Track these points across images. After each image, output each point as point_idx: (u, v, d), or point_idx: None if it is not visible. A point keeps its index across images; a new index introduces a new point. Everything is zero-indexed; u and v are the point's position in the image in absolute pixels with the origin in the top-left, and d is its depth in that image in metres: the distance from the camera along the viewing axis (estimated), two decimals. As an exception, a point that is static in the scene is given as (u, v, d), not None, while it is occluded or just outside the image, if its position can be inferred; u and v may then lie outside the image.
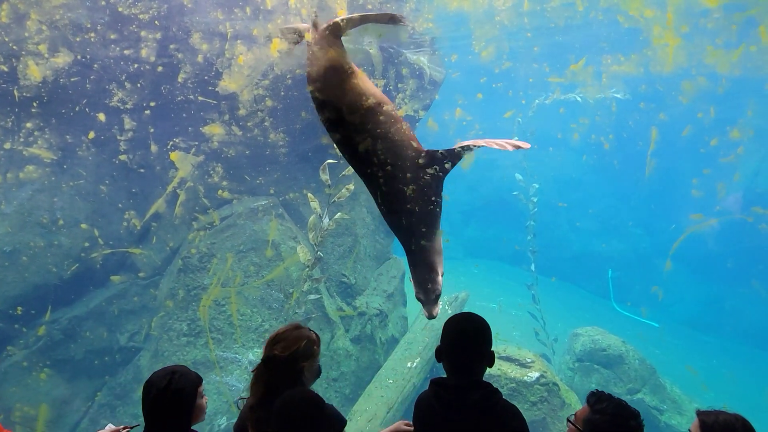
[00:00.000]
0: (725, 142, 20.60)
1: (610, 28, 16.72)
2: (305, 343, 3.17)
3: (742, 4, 15.70)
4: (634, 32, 17.07)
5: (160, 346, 9.92)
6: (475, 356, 3.02)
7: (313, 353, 3.21)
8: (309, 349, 3.17)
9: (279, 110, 10.72)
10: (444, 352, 3.09)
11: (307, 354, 3.16)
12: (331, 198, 8.40)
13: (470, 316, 3.15)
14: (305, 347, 3.15)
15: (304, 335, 3.22)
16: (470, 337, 3.06)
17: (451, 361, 3.06)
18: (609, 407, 2.86)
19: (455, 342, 3.07)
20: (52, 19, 9.39)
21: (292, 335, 3.19)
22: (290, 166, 11.18)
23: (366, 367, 10.95)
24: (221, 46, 10.37)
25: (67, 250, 9.63)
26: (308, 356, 3.17)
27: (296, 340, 3.15)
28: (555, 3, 14.13)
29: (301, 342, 3.15)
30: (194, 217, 10.33)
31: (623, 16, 15.80)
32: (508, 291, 18.61)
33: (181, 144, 10.28)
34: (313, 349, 3.22)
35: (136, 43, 9.89)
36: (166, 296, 10.09)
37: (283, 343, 3.14)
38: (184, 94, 10.21)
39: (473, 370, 3.02)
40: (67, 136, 9.66)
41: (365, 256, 12.17)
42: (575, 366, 13.01)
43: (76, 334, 9.62)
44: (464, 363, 3.02)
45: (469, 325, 3.10)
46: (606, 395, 2.93)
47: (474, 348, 3.02)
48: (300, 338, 3.18)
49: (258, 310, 10.20)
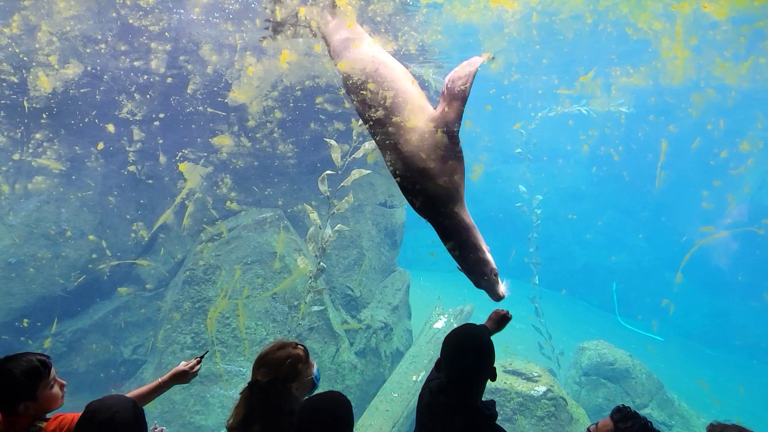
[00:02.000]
0: (735, 154, 20.43)
1: (618, 41, 16.60)
2: (288, 364, 3.07)
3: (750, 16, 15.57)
4: (643, 44, 16.94)
5: (164, 359, 9.81)
6: (473, 373, 2.91)
7: (299, 372, 3.10)
8: (292, 371, 3.07)
9: (288, 121, 10.67)
10: (443, 367, 3.01)
11: (291, 375, 3.06)
12: (331, 209, 8.30)
13: (471, 331, 3.04)
14: (288, 369, 3.06)
15: (286, 355, 3.10)
16: (469, 353, 2.93)
17: (448, 375, 2.96)
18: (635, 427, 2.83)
19: (453, 358, 2.96)
20: (63, 30, 9.38)
21: (274, 357, 3.09)
22: (298, 177, 11.12)
23: (371, 381, 10.84)
24: (231, 57, 10.34)
25: (74, 262, 9.59)
26: (293, 377, 3.07)
27: (279, 365, 3.06)
28: (564, 15, 14.03)
29: (283, 366, 3.06)
30: (202, 229, 10.27)
31: (632, 29, 15.68)
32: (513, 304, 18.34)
33: (189, 155, 10.23)
34: (298, 367, 3.10)
35: (146, 55, 9.87)
36: (171, 308, 10.01)
37: (266, 368, 3.06)
38: (194, 105, 10.18)
39: (471, 385, 2.92)
40: (76, 147, 9.64)
41: (370, 269, 12.08)
42: (582, 380, 12.84)
43: (80, 346, 9.57)
44: (462, 378, 2.91)
45: (469, 340, 2.99)
46: (632, 413, 2.89)
47: (473, 364, 2.91)
48: (282, 361, 3.08)
49: (263, 323, 10.10)
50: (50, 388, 2.97)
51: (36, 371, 2.90)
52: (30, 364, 2.90)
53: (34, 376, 2.89)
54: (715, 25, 15.79)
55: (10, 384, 2.84)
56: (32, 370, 2.90)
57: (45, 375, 2.94)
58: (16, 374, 2.84)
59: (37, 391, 2.89)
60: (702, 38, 16.60)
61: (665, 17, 15.45)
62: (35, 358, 2.94)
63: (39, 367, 2.91)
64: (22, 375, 2.85)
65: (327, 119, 10.86)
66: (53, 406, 3.01)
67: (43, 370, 2.94)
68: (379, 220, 12.41)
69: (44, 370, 2.94)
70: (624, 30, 15.92)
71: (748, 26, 16.01)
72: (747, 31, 16.27)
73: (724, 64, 18.30)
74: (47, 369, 2.96)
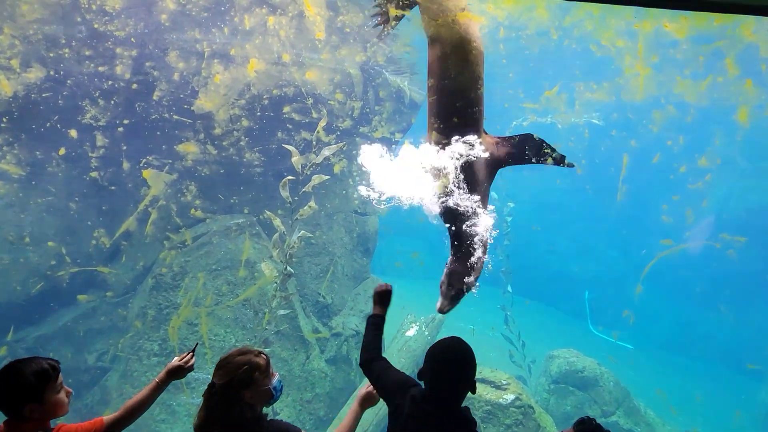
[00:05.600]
0: (694, 170, 20.45)
1: (583, 57, 16.53)
2: (244, 371, 2.91)
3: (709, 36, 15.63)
4: (607, 61, 16.92)
5: (130, 366, 9.27)
6: (458, 383, 2.92)
7: (254, 380, 2.93)
8: (247, 378, 2.91)
9: (255, 130, 10.25)
10: (427, 378, 2.96)
11: (246, 382, 2.91)
12: (294, 215, 7.91)
13: (457, 344, 3.01)
14: (243, 375, 2.91)
15: (245, 361, 2.96)
16: (454, 365, 2.94)
17: (433, 385, 2.93)
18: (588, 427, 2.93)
19: (439, 368, 2.94)
20: (26, 33, 8.91)
21: (233, 362, 2.96)
22: (265, 185, 10.66)
23: (341, 389, 10.40)
24: (198, 64, 9.93)
25: (34, 268, 9.02)
26: (247, 384, 2.91)
27: (235, 369, 2.92)
28: (530, 31, 13.89)
29: (239, 370, 2.91)
30: (166, 236, 9.74)
31: (596, 45, 15.63)
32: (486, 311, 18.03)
33: (154, 162, 9.74)
34: (254, 375, 2.93)
35: (111, 60, 9.42)
36: (136, 315, 9.46)
37: (222, 370, 2.94)
38: (159, 112, 9.72)
39: (455, 395, 2.94)
40: (37, 152, 9.10)
41: (342, 276, 11.64)
42: (551, 388, 12.51)
43: (42, 353, 8.91)
44: (447, 389, 2.91)
45: (455, 353, 2.97)
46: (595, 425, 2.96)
47: (458, 376, 2.92)
48: (239, 366, 2.93)
49: (232, 329, 9.62)
50: (57, 393, 2.89)
51: (45, 374, 2.82)
52: (40, 366, 2.83)
53: (42, 378, 2.81)
54: (676, 44, 15.84)
55: (18, 383, 2.76)
56: (42, 372, 2.82)
57: (53, 379, 2.86)
58: (26, 374, 2.77)
59: (44, 395, 2.81)
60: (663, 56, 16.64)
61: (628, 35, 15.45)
62: (45, 362, 2.87)
63: (48, 370, 2.84)
64: (31, 375, 2.78)
65: (294, 128, 10.47)
66: (58, 413, 2.92)
67: (52, 373, 2.86)
68: (352, 228, 11.99)
69: (53, 373, 2.87)
70: (588, 47, 15.87)
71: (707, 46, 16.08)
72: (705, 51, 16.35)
73: (683, 81, 18.38)
74: (56, 373, 2.88)
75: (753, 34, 14.77)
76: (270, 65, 10.29)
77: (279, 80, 10.31)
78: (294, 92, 10.40)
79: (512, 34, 13.78)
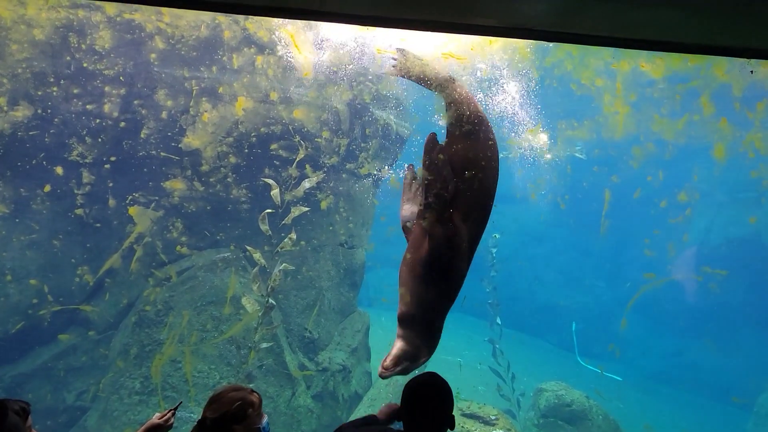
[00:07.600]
0: (674, 204, 20.48)
1: (564, 96, 16.60)
2: (238, 406, 2.84)
3: (685, 76, 15.78)
4: (587, 100, 17.02)
5: (110, 405, 8.82)
6: (433, 423, 2.77)
7: (247, 416, 2.86)
8: (240, 413, 2.84)
9: (242, 167, 10.05)
10: (403, 416, 2.84)
11: (239, 417, 2.83)
12: (275, 248, 7.67)
13: (431, 380, 2.87)
14: (236, 410, 2.83)
15: (239, 397, 2.89)
16: (430, 405, 2.79)
17: (410, 424, 2.79)
18: None
19: (414, 406, 2.80)
20: (14, 72, 8.74)
21: (226, 397, 2.88)
22: (252, 221, 10.41)
23: (327, 426, 10.00)
24: (186, 102, 9.78)
25: (15, 305, 8.66)
26: (240, 419, 2.83)
27: (229, 403, 2.85)
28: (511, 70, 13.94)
29: (232, 405, 2.84)
30: (150, 273, 9.42)
31: (576, 84, 15.72)
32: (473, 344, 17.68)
33: (140, 199, 9.48)
34: (248, 412, 2.87)
35: (100, 98, 9.25)
36: (118, 353, 9.06)
37: (216, 405, 2.85)
38: (146, 149, 9.52)
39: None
40: (22, 189, 8.83)
41: (329, 310, 11.31)
42: (540, 422, 12.15)
43: (20, 392, 8.53)
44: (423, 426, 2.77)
45: (428, 391, 2.83)
46: None
47: (434, 416, 2.77)
48: (233, 401, 2.86)
49: (216, 366, 9.25)
50: None
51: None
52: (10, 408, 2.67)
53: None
54: (653, 83, 15.98)
55: None
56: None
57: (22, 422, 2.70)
58: None
59: None
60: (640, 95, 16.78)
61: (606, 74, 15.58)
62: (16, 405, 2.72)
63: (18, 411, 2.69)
64: None
65: (281, 165, 10.28)
66: None
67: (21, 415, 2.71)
68: (339, 260, 11.69)
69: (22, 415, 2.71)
70: (569, 86, 15.96)
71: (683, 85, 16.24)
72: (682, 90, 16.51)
73: (661, 120, 18.50)
74: (26, 415, 2.73)
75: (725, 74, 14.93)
76: (258, 103, 10.16)
77: (266, 118, 10.16)
78: (281, 130, 10.25)
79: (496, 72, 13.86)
